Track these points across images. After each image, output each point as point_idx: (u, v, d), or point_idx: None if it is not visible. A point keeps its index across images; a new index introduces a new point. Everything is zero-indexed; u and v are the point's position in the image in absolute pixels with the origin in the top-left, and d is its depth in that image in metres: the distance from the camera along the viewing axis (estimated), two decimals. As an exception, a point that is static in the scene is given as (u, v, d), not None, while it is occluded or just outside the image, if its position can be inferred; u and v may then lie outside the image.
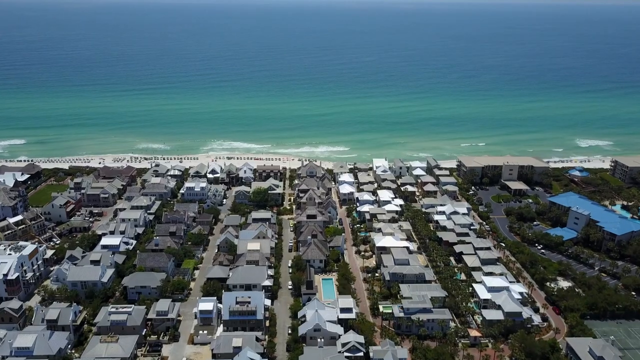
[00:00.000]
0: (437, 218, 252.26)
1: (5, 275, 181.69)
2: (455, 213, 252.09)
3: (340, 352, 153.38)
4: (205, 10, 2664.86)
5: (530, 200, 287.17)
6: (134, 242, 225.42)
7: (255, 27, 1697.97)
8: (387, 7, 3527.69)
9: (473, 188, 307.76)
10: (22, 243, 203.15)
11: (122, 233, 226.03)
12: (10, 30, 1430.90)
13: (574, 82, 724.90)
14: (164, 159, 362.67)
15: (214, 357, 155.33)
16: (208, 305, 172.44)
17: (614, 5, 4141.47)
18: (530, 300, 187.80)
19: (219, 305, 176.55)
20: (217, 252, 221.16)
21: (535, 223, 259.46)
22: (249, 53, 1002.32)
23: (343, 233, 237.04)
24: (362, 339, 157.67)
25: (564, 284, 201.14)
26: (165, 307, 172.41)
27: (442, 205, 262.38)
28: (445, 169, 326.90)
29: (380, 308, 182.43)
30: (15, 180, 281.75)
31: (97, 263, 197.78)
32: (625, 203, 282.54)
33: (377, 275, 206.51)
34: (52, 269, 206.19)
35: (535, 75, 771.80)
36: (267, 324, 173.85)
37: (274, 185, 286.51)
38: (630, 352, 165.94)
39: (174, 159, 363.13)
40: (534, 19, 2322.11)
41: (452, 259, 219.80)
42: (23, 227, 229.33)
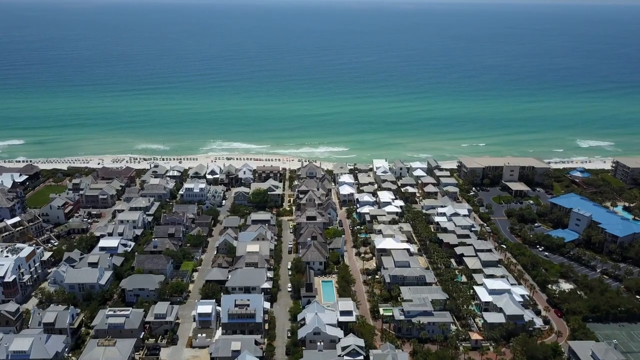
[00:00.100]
0: (437, 219, 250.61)
1: (2, 278, 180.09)
2: (456, 214, 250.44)
3: (340, 355, 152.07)
4: (205, 10, 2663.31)
5: (531, 202, 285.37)
6: (133, 243, 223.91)
7: (255, 27, 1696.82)
8: (387, 7, 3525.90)
9: (474, 189, 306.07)
10: (19, 245, 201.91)
11: (120, 235, 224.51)
12: (10, 30, 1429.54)
13: (574, 82, 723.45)
14: (163, 160, 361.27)
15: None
16: (207, 308, 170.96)
17: (614, 5, 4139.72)
18: (532, 303, 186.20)
19: (218, 308, 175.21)
20: (216, 254, 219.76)
21: (537, 224, 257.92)
22: (249, 53, 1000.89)
23: (343, 235, 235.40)
24: (362, 343, 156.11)
25: (566, 286, 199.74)
26: (164, 310, 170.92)
27: (442, 207, 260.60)
28: (446, 170, 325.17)
29: (381, 311, 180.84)
30: (13, 182, 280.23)
31: (95, 265, 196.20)
32: (627, 204, 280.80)
33: (377, 278, 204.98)
34: (49, 271, 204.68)
35: (535, 75, 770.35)
36: (266, 327, 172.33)
37: (274, 187, 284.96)
38: (633, 355, 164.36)
39: (173, 160, 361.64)
40: (534, 19, 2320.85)
41: (452, 261, 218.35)
42: (21, 228, 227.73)
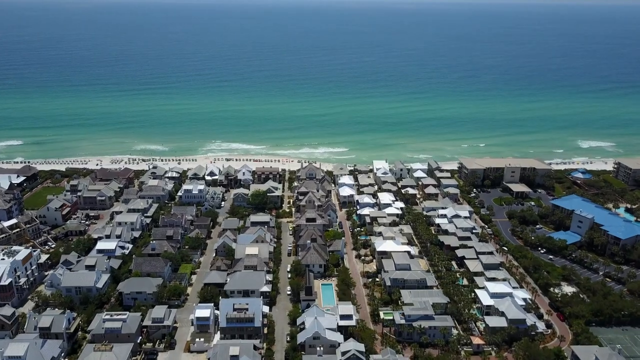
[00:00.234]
0: (438, 221, 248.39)
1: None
2: (457, 216, 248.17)
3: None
4: (205, 10, 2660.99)
5: (533, 203, 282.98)
6: (130, 246, 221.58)
7: (255, 27, 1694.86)
8: (387, 7, 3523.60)
9: (474, 190, 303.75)
10: (15, 248, 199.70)
11: (118, 237, 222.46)
12: (10, 30, 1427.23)
13: (574, 82, 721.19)
14: (162, 161, 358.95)
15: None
16: (205, 312, 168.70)
17: (614, 6, 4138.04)
18: (534, 307, 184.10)
19: (216, 312, 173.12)
20: (214, 256, 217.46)
21: (538, 226, 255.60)
22: (249, 53, 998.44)
23: (343, 237, 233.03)
24: (362, 347, 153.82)
25: (568, 289, 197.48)
26: (161, 313, 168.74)
27: (443, 209, 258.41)
28: (447, 171, 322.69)
29: (381, 314, 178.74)
30: (11, 183, 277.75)
31: (92, 268, 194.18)
32: (629, 206, 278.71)
33: (377, 281, 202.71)
34: (46, 274, 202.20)
35: (535, 75, 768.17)
36: (265, 331, 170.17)
37: (273, 188, 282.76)
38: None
39: (172, 161, 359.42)
40: (534, 19, 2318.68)
41: (454, 264, 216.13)
42: (17, 230, 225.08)
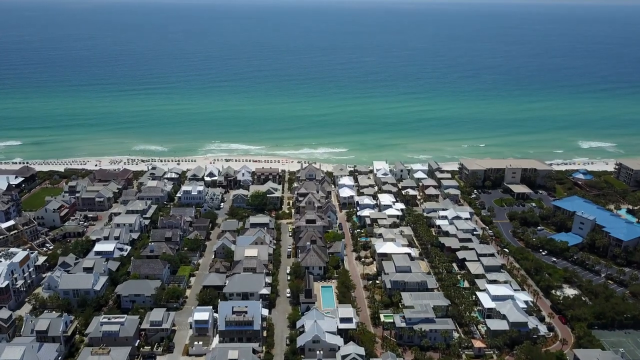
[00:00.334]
0: (439, 223, 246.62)
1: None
2: (458, 218, 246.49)
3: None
4: (205, 11, 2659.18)
5: (534, 204, 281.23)
6: (129, 248, 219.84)
7: (255, 27, 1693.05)
8: (387, 7, 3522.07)
9: (475, 191, 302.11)
10: (12, 250, 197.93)
11: (116, 239, 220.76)
12: (9, 30, 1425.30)
13: (574, 82, 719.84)
14: (161, 161, 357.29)
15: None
16: (204, 315, 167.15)
17: (614, 6, 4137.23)
18: (536, 309, 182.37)
19: (215, 315, 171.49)
20: (213, 258, 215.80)
21: (539, 228, 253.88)
22: (248, 53, 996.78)
23: (343, 239, 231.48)
24: (362, 351, 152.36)
25: (570, 292, 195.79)
26: (160, 316, 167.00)
27: (444, 210, 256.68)
28: (447, 172, 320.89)
29: (382, 317, 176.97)
30: (8, 184, 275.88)
31: (90, 270, 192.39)
32: (631, 207, 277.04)
33: (377, 283, 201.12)
34: (44, 276, 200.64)
35: (535, 76, 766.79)
36: (264, 335, 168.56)
37: (273, 189, 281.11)
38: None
39: (172, 161, 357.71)
40: (534, 19, 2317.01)
41: (454, 266, 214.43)
42: (15, 232, 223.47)
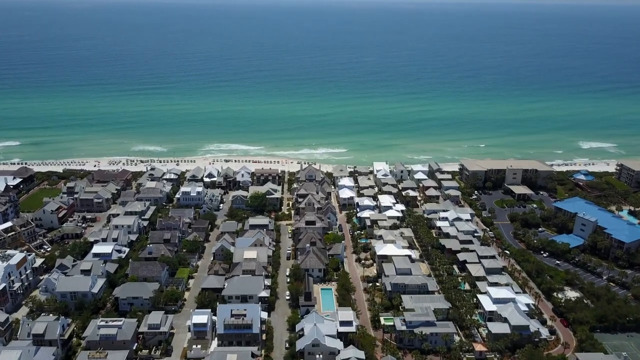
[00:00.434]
0: (439, 224, 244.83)
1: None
2: (459, 219, 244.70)
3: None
4: (205, 11, 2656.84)
5: (535, 206, 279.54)
6: (127, 249, 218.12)
7: (255, 27, 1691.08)
8: (387, 7, 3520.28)
9: (476, 193, 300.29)
10: (9, 252, 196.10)
11: (114, 240, 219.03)
12: (9, 30, 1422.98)
13: (575, 82, 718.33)
14: (161, 162, 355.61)
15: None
16: (202, 318, 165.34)
17: (614, 6, 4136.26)
18: (537, 312, 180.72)
19: (214, 318, 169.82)
20: (212, 260, 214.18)
21: (541, 229, 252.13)
22: (248, 53, 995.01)
23: (343, 240, 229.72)
24: (362, 355, 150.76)
25: (572, 294, 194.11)
26: (158, 320, 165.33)
27: (444, 211, 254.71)
28: (447, 173, 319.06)
29: (382, 320, 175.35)
30: (6, 185, 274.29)
31: (87, 272, 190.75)
32: (632, 208, 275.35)
33: (378, 285, 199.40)
34: (41, 279, 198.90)
35: (536, 76, 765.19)
36: (263, 338, 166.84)
37: (272, 190, 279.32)
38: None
39: (171, 162, 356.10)
40: (534, 19, 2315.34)
41: (455, 268, 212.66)
42: (13, 234, 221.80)
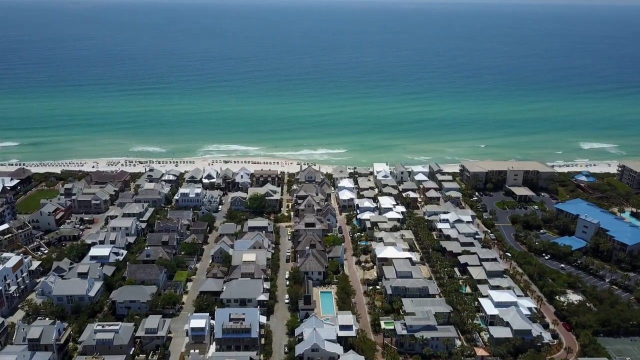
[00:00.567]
0: (440, 226, 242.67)
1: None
2: (459, 221, 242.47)
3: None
4: (204, 10, 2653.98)
5: (536, 207, 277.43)
6: (125, 252, 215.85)
7: (255, 27, 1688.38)
8: (387, 7, 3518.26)
9: (477, 194, 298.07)
10: (6, 254, 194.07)
11: (112, 243, 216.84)
12: (8, 30, 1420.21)
13: (575, 82, 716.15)
14: (160, 163, 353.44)
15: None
16: (200, 322, 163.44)
17: (614, 6, 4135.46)
18: (540, 316, 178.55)
19: (212, 322, 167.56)
20: (211, 262, 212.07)
21: (542, 231, 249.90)
22: (248, 53, 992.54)
23: (343, 243, 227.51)
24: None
25: (574, 297, 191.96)
26: (155, 324, 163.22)
27: (445, 213, 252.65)
28: (448, 174, 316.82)
29: (382, 324, 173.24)
30: (3, 186, 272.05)
31: (84, 276, 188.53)
32: (634, 210, 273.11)
33: (378, 288, 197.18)
34: (38, 281, 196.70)
35: (536, 76, 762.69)
36: (262, 342, 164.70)
37: (272, 191, 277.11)
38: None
39: (170, 163, 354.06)
40: (534, 19, 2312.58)
41: (456, 271, 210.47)
42: (9, 236, 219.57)
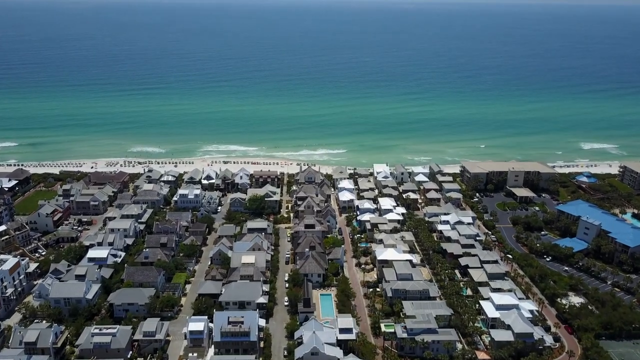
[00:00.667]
0: (441, 228, 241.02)
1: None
2: (460, 223, 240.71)
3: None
4: (204, 10, 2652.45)
5: (537, 208, 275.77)
6: (123, 254, 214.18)
7: (254, 27, 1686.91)
8: (387, 7, 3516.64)
9: (477, 195, 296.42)
10: (3, 256, 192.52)
11: (110, 244, 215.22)
12: (7, 30, 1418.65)
13: (575, 82, 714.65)
14: (159, 163, 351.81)
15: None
16: (198, 326, 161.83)
17: (614, 6, 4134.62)
18: (541, 319, 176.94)
19: (210, 325, 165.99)
20: (210, 264, 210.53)
21: (543, 233, 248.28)
22: (248, 53, 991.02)
23: (342, 244, 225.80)
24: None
25: (576, 300, 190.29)
26: (153, 327, 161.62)
27: (446, 214, 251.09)
28: (449, 175, 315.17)
29: (382, 327, 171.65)
30: (1, 187, 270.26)
31: (82, 278, 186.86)
32: (636, 211, 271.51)
33: (378, 291, 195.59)
34: (35, 284, 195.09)
35: (536, 76, 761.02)
36: (261, 346, 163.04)
37: (271, 192, 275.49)
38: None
39: (169, 163, 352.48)
40: (534, 19, 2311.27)
41: (457, 273, 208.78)
42: (6, 238, 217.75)
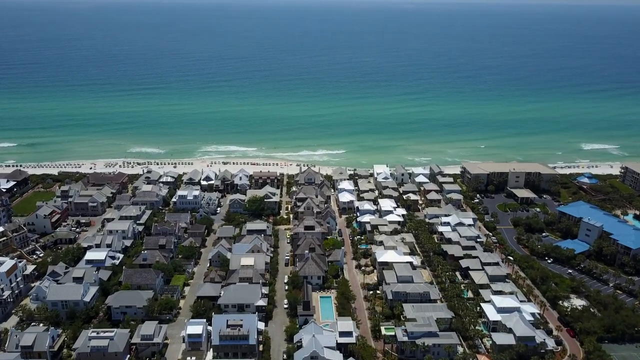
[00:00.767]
0: (441, 229, 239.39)
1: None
2: (461, 224, 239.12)
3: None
4: (204, 11, 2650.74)
5: (539, 210, 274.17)
6: (121, 256, 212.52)
7: (254, 27, 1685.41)
8: (387, 7, 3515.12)
9: (478, 196, 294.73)
10: (0, 258, 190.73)
11: (108, 246, 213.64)
12: (7, 30, 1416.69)
13: (575, 82, 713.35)
14: (158, 164, 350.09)
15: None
16: (197, 329, 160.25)
17: (614, 6, 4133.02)
18: (543, 322, 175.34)
19: (209, 328, 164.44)
20: (208, 266, 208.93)
21: (544, 234, 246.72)
22: (247, 53, 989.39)
23: (342, 246, 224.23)
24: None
25: (578, 302, 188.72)
26: (151, 330, 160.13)
27: (446, 216, 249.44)
28: (449, 176, 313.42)
29: (383, 330, 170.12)
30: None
31: (80, 280, 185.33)
32: (638, 212, 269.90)
33: (378, 293, 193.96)
34: (33, 286, 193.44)
35: (536, 76, 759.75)
36: (260, 349, 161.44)
37: (270, 194, 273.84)
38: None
39: (168, 164, 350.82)
40: (534, 19, 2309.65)
41: (457, 275, 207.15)
42: (4, 239, 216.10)
